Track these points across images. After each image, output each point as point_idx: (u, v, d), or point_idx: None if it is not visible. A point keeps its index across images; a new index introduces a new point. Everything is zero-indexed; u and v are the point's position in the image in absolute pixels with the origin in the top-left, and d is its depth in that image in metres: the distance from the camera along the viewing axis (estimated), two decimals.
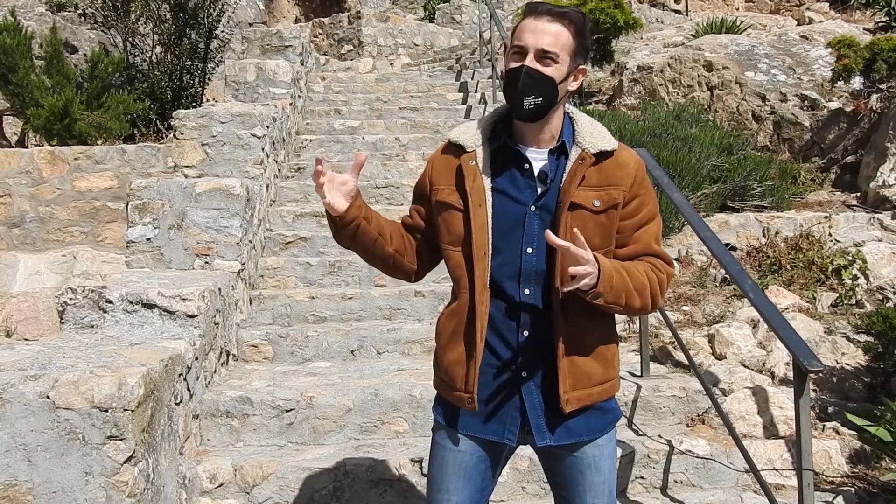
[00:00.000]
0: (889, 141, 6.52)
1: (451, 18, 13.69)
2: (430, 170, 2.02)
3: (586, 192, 1.88)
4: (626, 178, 1.91)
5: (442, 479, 1.99)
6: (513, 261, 1.88)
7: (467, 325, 1.93)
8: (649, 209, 1.95)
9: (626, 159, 1.94)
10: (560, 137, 1.93)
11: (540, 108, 1.86)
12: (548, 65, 1.84)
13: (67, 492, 2.38)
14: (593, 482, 1.97)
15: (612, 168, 1.91)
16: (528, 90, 1.84)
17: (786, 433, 3.63)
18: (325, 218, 5.65)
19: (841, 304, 4.82)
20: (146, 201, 4.03)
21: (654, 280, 1.90)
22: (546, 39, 1.83)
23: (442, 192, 1.96)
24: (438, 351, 2.02)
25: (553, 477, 2.07)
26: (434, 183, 1.99)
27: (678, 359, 4.10)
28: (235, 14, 10.61)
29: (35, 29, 8.39)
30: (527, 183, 1.91)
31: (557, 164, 1.92)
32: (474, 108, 7.99)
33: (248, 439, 3.35)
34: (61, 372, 2.45)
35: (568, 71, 1.88)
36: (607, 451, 1.99)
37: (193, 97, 8.41)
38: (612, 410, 2.01)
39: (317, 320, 4.43)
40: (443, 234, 1.97)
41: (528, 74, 1.83)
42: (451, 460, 1.98)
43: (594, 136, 1.92)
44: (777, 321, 2.71)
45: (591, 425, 1.95)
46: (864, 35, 8.29)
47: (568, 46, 1.86)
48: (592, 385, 1.92)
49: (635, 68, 8.16)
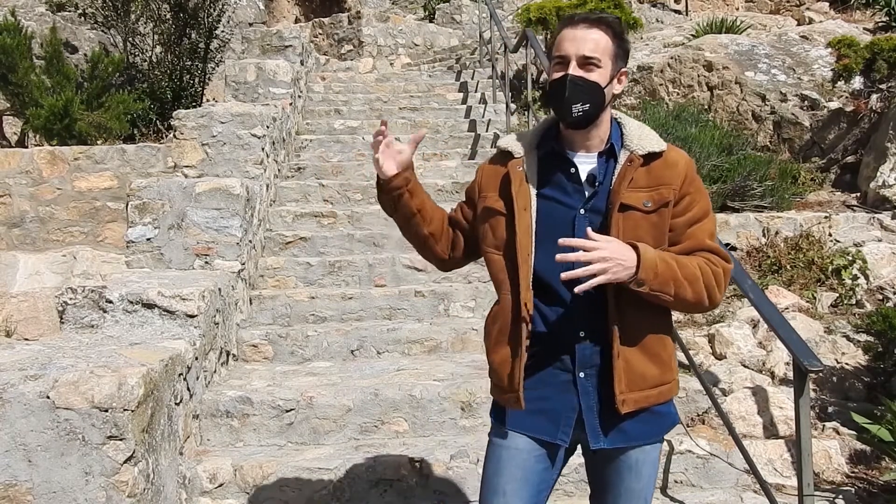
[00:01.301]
0: (889, 141, 6.52)
1: (451, 18, 13.69)
2: (480, 177, 2.07)
3: (637, 193, 1.88)
4: (677, 177, 1.91)
5: (498, 482, 1.96)
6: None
7: (512, 326, 1.93)
8: (701, 206, 1.95)
9: (676, 159, 1.95)
10: (608, 141, 1.94)
11: (588, 114, 1.88)
12: (591, 70, 1.86)
13: (67, 492, 2.38)
14: (630, 487, 1.95)
15: (662, 168, 1.92)
16: (575, 98, 1.86)
17: (786, 433, 3.63)
18: (324, 218, 5.66)
19: (841, 303, 4.82)
20: (146, 201, 4.03)
21: (709, 273, 1.88)
22: (587, 46, 1.86)
23: (489, 199, 2.00)
24: (488, 356, 2.03)
25: (592, 477, 2.05)
26: (482, 190, 2.03)
27: (678, 359, 4.10)
28: (235, 14, 10.61)
29: (35, 29, 8.39)
30: (574, 187, 1.93)
31: (607, 167, 1.93)
32: (474, 108, 7.98)
33: (248, 439, 3.35)
34: (61, 372, 2.45)
35: (611, 75, 1.90)
36: (651, 458, 1.97)
37: (193, 97, 8.40)
38: (670, 415, 1.99)
39: (317, 320, 4.43)
40: (486, 239, 2.00)
41: (574, 82, 1.85)
42: (509, 460, 1.96)
43: (642, 139, 1.94)
44: (777, 321, 2.71)
45: (647, 429, 1.94)
46: (865, 35, 8.28)
47: (609, 51, 1.88)
48: (648, 387, 1.90)
49: (635, 68, 8.15)
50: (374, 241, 5.19)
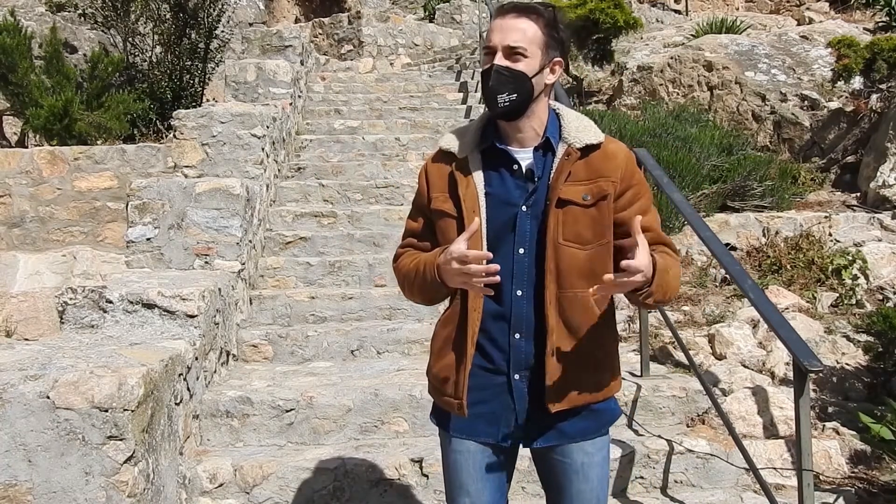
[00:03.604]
0: (889, 141, 6.52)
1: (451, 18, 13.69)
2: (424, 181, 2.01)
3: (575, 186, 1.87)
4: (616, 170, 1.89)
5: (461, 483, 1.98)
6: (505, 262, 1.86)
7: (458, 331, 1.93)
8: (647, 198, 1.95)
9: (615, 151, 1.93)
10: (545, 134, 1.91)
11: (515, 103, 1.85)
12: (517, 60, 1.84)
13: (67, 492, 2.38)
14: (580, 490, 1.95)
15: (600, 160, 1.90)
16: (501, 88, 1.84)
17: (786, 433, 3.62)
18: (324, 218, 5.66)
19: (841, 304, 4.82)
20: (146, 201, 4.03)
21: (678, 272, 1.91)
22: (512, 36, 1.84)
23: (437, 200, 1.95)
24: (431, 357, 2.03)
25: (544, 480, 2.06)
26: (431, 190, 1.98)
27: (678, 359, 4.10)
28: (235, 14, 10.60)
29: (35, 29, 8.38)
30: (517, 183, 1.90)
31: (545, 162, 1.91)
32: (474, 108, 7.98)
33: (248, 439, 3.35)
34: (61, 372, 2.45)
35: (541, 64, 1.87)
36: (597, 459, 1.96)
37: (193, 97, 8.40)
38: (608, 411, 1.99)
39: (317, 320, 4.43)
40: (440, 242, 1.95)
41: (498, 72, 1.83)
42: (465, 463, 1.97)
43: (580, 131, 1.91)
44: (777, 321, 2.71)
45: (585, 425, 1.94)
46: (864, 35, 8.28)
47: (537, 40, 1.86)
48: (582, 386, 1.90)
49: (635, 68, 8.15)
50: (374, 241, 5.19)
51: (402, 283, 2.03)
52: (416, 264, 1.94)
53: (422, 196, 2.01)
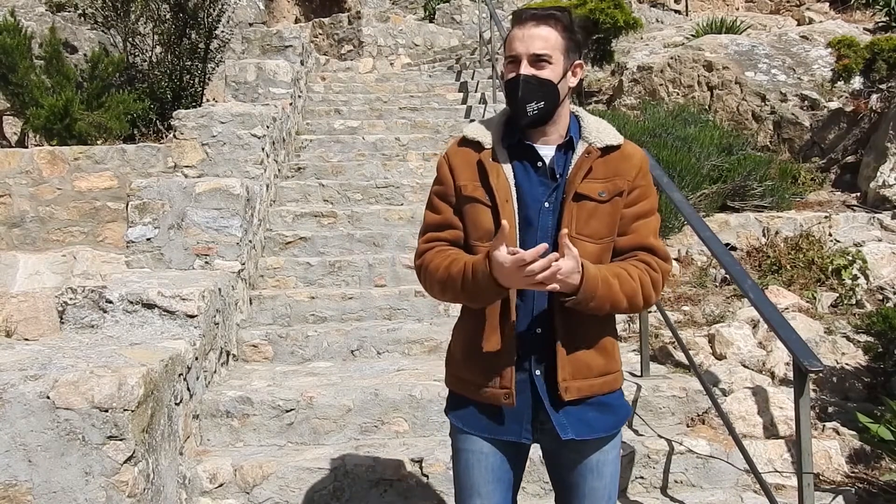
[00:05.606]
0: (889, 141, 6.52)
1: (451, 18, 13.68)
2: (447, 169, 1.99)
3: (592, 183, 1.90)
4: (631, 169, 1.94)
5: (473, 484, 1.98)
6: None
7: (501, 320, 1.92)
8: (650, 202, 1.97)
9: (632, 152, 1.98)
10: (567, 133, 1.96)
11: (543, 111, 1.89)
12: (542, 68, 1.87)
13: (67, 492, 2.38)
14: (594, 487, 1.97)
15: (618, 160, 1.94)
16: (529, 97, 1.87)
17: (786, 433, 3.62)
18: (324, 218, 5.66)
19: (841, 304, 4.82)
20: (146, 201, 4.03)
21: (648, 282, 1.91)
22: (536, 44, 1.87)
23: (468, 188, 1.95)
24: (465, 349, 1.99)
25: (555, 479, 2.07)
26: (458, 178, 1.96)
27: (678, 359, 4.10)
28: (235, 14, 10.60)
29: (35, 29, 8.39)
30: (540, 180, 1.93)
31: (565, 159, 1.94)
32: (474, 108, 7.98)
33: (248, 439, 3.35)
34: (61, 372, 2.45)
35: (564, 69, 1.91)
36: (611, 457, 1.99)
37: (193, 97, 8.40)
38: (624, 406, 2.02)
39: (317, 320, 4.43)
40: (470, 231, 1.95)
41: (526, 81, 1.86)
42: (478, 464, 1.98)
43: (600, 132, 1.96)
44: (777, 321, 2.71)
45: (607, 420, 1.96)
46: (864, 35, 8.28)
47: (559, 45, 1.89)
48: (593, 376, 1.93)
49: (635, 68, 8.15)
50: (374, 241, 5.19)
51: (431, 283, 1.96)
52: (460, 269, 1.87)
53: (445, 185, 1.99)
